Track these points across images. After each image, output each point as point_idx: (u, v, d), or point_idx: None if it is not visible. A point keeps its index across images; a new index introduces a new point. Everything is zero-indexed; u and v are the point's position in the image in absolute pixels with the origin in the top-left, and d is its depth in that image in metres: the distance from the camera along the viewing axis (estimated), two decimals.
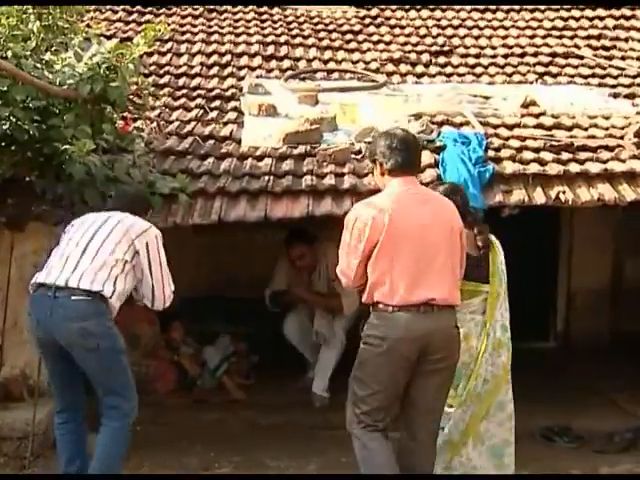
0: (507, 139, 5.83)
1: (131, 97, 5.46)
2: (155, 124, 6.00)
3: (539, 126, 6.10)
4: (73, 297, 3.87)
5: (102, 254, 3.98)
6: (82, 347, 3.87)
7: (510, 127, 6.09)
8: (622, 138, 5.80)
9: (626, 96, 6.83)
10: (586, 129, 6.05)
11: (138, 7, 8.40)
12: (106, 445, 3.96)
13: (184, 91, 6.85)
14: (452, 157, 5.42)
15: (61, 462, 4.13)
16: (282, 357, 6.40)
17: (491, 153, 5.59)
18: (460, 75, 7.47)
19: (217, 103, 6.62)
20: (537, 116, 6.33)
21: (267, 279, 6.39)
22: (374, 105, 6.54)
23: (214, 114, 6.38)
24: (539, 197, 5.25)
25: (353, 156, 5.61)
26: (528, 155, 5.57)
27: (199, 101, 6.63)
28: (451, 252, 3.82)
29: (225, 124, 6.21)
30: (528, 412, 5.56)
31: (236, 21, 8.41)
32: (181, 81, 7.08)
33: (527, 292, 7.34)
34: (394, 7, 8.75)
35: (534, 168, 5.41)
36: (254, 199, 5.22)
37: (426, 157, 5.49)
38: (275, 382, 6.30)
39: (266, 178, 5.34)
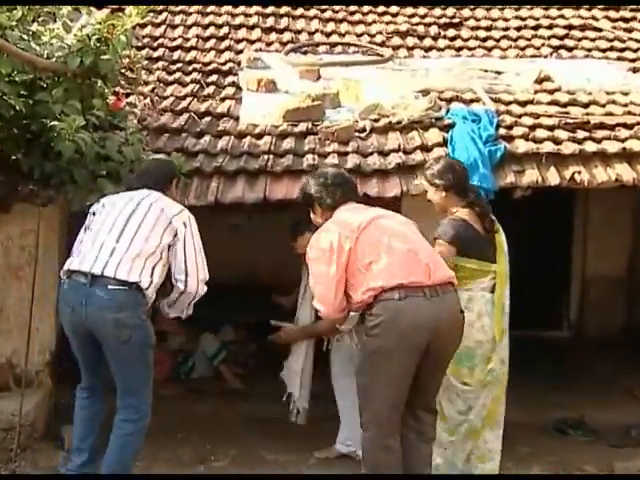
0: (520, 116, 5.81)
1: (123, 71, 5.41)
2: (148, 100, 5.98)
3: (553, 103, 6.08)
4: (110, 287, 3.94)
5: (138, 241, 4.04)
6: (115, 338, 3.95)
7: (523, 104, 6.07)
8: None
9: None
10: (603, 106, 6.03)
11: None
12: (119, 450, 4.06)
13: (179, 65, 6.84)
14: (461, 135, 5.41)
15: (75, 436, 4.26)
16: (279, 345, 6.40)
17: (502, 131, 5.58)
18: (470, 49, 7.46)
19: (214, 78, 6.61)
20: (551, 92, 6.32)
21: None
22: (379, 81, 6.52)
23: (211, 89, 6.37)
24: (553, 178, 5.23)
25: (357, 134, 5.60)
26: (542, 133, 5.56)
27: (195, 76, 6.62)
28: (420, 238, 4.06)
29: (222, 100, 6.21)
30: (540, 404, 5.65)
31: None
32: (176, 54, 7.07)
33: (539, 279, 7.40)
34: None
35: (548, 147, 5.39)
36: (253, 179, 5.22)
37: (434, 135, 5.51)
38: (275, 372, 6.31)
39: (265, 157, 5.33)
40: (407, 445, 3.96)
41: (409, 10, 8.11)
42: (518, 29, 7.78)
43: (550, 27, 7.77)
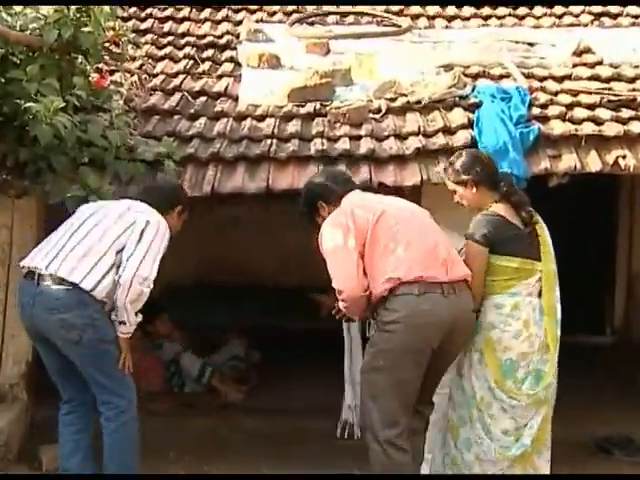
0: (555, 94, 5.78)
1: (107, 45, 5.42)
2: (136, 78, 5.96)
3: (594, 78, 6.04)
4: (53, 286, 4.08)
5: (89, 240, 4.18)
6: (64, 339, 4.10)
7: (559, 79, 6.04)
8: None
9: None
10: None
11: None
12: (112, 448, 4.25)
13: (170, 38, 6.83)
14: (489, 116, 5.38)
15: (60, 455, 4.41)
16: (286, 354, 6.41)
17: (536, 111, 5.55)
18: (499, 18, 7.42)
19: (209, 53, 6.60)
20: (592, 66, 6.28)
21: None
22: (396, 55, 6.50)
23: (206, 66, 6.36)
24: (594, 163, 5.20)
25: (371, 115, 5.57)
26: (581, 113, 5.52)
27: (188, 50, 6.61)
28: (436, 229, 4.29)
29: (219, 78, 6.20)
30: (581, 419, 5.61)
31: None
32: (166, 26, 7.07)
33: (579, 277, 7.33)
34: None
35: (588, 128, 5.36)
36: (254, 167, 5.20)
37: (458, 116, 5.48)
38: (277, 383, 6.31)
39: (268, 142, 5.32)
40: None
41: None
42: None
43: None
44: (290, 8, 7.42)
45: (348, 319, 4.52)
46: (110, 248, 4.16)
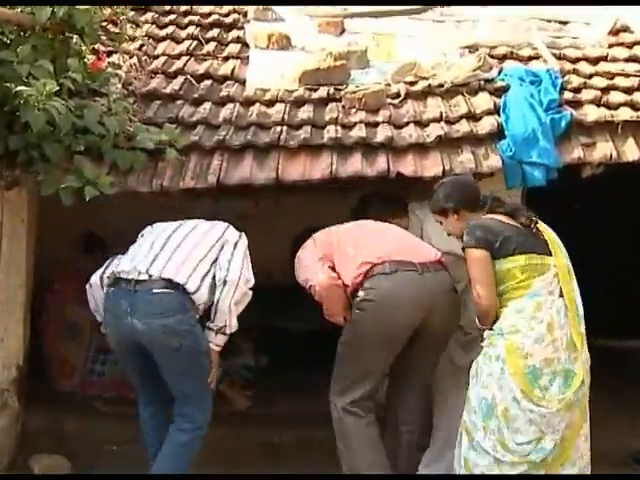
0: (590, 77, 5.78)
1: (104, 24, 5.43)
2: (135, 59, 5.98)
3: (632, 59, 6.02)
4: (155, 290, 4.35)
5: (185, 246, 4.52)
6: (163, 346, 4.33)
7: (594, 61, 6.03)
8: None
9: None
10: None
11: None
12: (172, 458, 4.49)
13: (172, 17, 6.83)
14: (517, 101, 5.37)
15: (149, 454, 4.66)
16: (294, 357, 6.40)
17: (568, 95, 5.54)
18: None
19: (215, 32, 6.60)
20: (630, 46, 6.25)
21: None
22: (416, 35, 6.50)
23: (211, 47, 6.36)
24: (631, 152, 5.19)
25: (389, 100, 5.57)
26: (617, 97, 5.52)
27: (191, 30, 6.61)
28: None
29: (225, 60, 6.21)
30: (617, 430, 5.58)
31: None
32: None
33: (615, 276, 7.32)
34: None
35: (625, 114, 5.36)
36: (262, 156, 5.21)
37: (484, 101, 5.47)
38: (288, 389, 6.31)
39: (278, 129, 5.32)
40: (389, 428, 4.71)
41: None
42: None
43: None
44: None
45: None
46: (206, 257, 4.47)
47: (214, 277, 4.45)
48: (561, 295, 4.30)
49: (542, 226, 4.45)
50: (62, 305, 6.30)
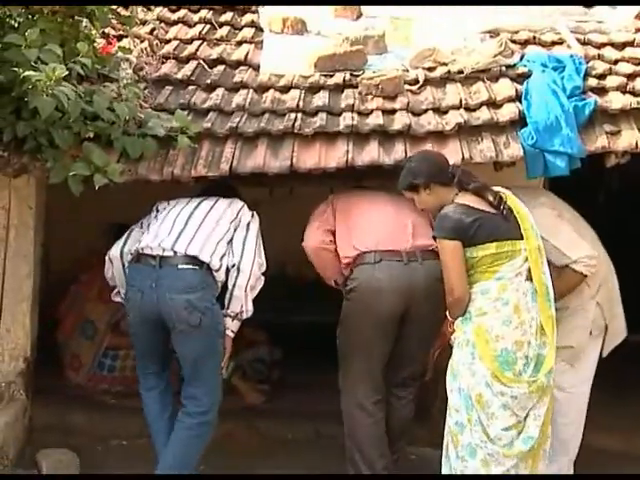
0: (615, 63, 5.71)
1: (114, 7, 5.41)
2: (146, 44, 5.96)
3: None
4: (180, 266, 4.58)
5: (208, 223, 4.73)
6: (184, 322, 4.51)
7: (620, 46, 5.96)
8: None
9: None
10: None
11: None
12: (180, 443, 4.64)
13: None
14: (540, 88, 5.33)
15: (148, 420, 4.88)
16: (310, 351, 6.39)
17: (593, 82, 5.49)
18: None
19: (228, 16, 6.57)
20: None
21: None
22: (435, 19, 6.45)
23: (224, 31, 6.32)
24: None
25: (407, 87, 5.53)
26: None
27: (204, 13, 6.57)
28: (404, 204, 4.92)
29: (238, 44, 6.18)
30: (635, 429, 5.54)
31: None
32: None
33: (634, 268, 7.25)
34: None
35: None
36: (277, 143, 5.18)
37: (505, 88, 5.43)
38: (302, 384, 6.30)
39: (292, 116, 5.29)
40: (389, 409, 4.90)
41: None
42: None
43: None
44: None
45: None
46: (223, 238, 4.70)
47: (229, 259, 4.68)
48: (531, 279, 4.37)
49: (513, 201, 4.53)
50: (84, 300, 6.35)
